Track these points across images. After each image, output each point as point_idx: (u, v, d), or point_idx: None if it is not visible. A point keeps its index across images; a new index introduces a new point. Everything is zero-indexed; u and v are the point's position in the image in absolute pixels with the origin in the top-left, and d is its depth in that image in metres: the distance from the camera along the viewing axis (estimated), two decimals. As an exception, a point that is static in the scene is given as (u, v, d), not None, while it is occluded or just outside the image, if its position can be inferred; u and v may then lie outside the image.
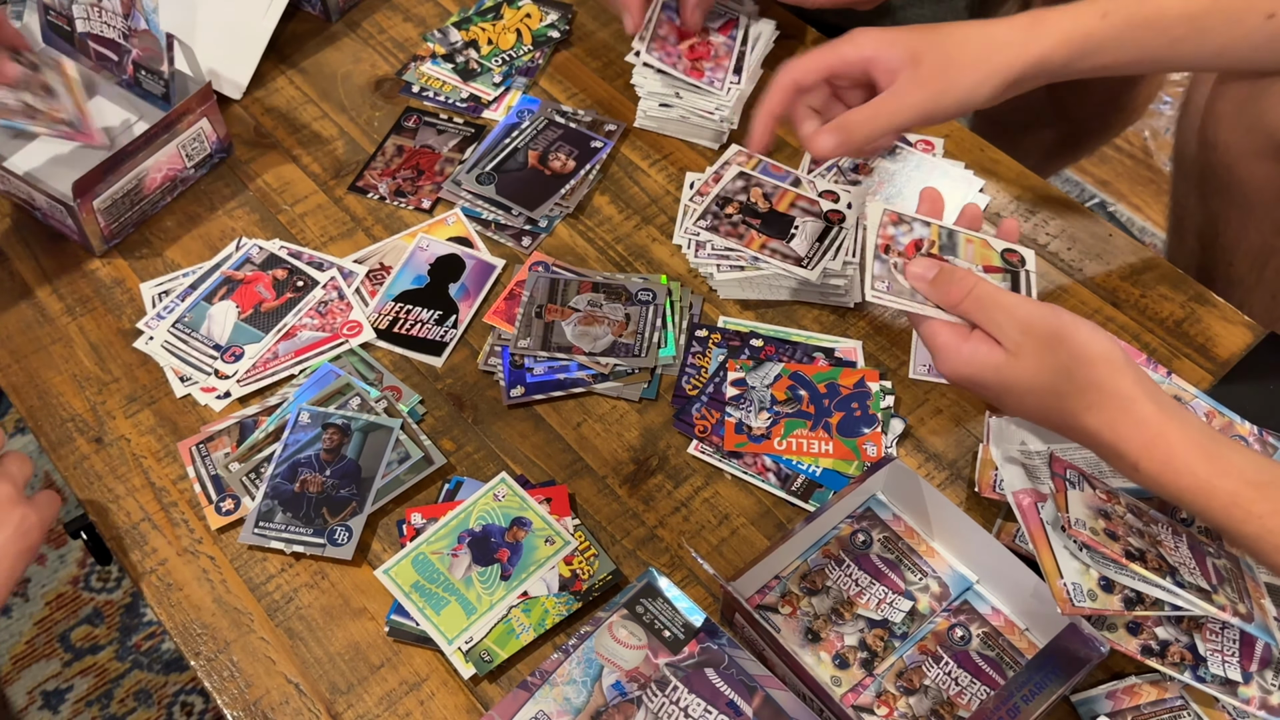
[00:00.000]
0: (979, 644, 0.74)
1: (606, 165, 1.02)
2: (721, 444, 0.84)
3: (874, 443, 0.83)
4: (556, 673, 0.70)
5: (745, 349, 0.89)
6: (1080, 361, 0.66)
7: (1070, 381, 0.66)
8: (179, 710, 1.44)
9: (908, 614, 0.75)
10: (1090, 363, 0.66)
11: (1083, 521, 0.69)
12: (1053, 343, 0.67)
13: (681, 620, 0.72)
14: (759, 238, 0.90)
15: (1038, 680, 0.67)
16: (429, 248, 0.96)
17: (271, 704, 0.75)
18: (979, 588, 0.76)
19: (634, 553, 0.80)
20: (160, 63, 0.96)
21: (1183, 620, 0.72)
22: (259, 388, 0.88)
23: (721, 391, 0.86)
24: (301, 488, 0.82)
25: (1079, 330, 0.66)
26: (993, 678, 0.73)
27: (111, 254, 0.98)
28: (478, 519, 0.80)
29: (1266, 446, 0.80)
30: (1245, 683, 0.70)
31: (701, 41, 1.02)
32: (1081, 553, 0.70)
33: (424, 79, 1.09)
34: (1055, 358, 0.66)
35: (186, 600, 0.79)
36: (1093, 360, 0.66)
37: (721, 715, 0.68)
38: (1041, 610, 0.73)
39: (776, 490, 0.82)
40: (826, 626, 0.75)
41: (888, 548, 0.78)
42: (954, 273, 0.72)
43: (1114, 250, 0.95)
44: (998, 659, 0.73)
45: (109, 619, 1.51)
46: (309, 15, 1.15)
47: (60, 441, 0.87)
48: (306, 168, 1.03)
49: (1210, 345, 0.90)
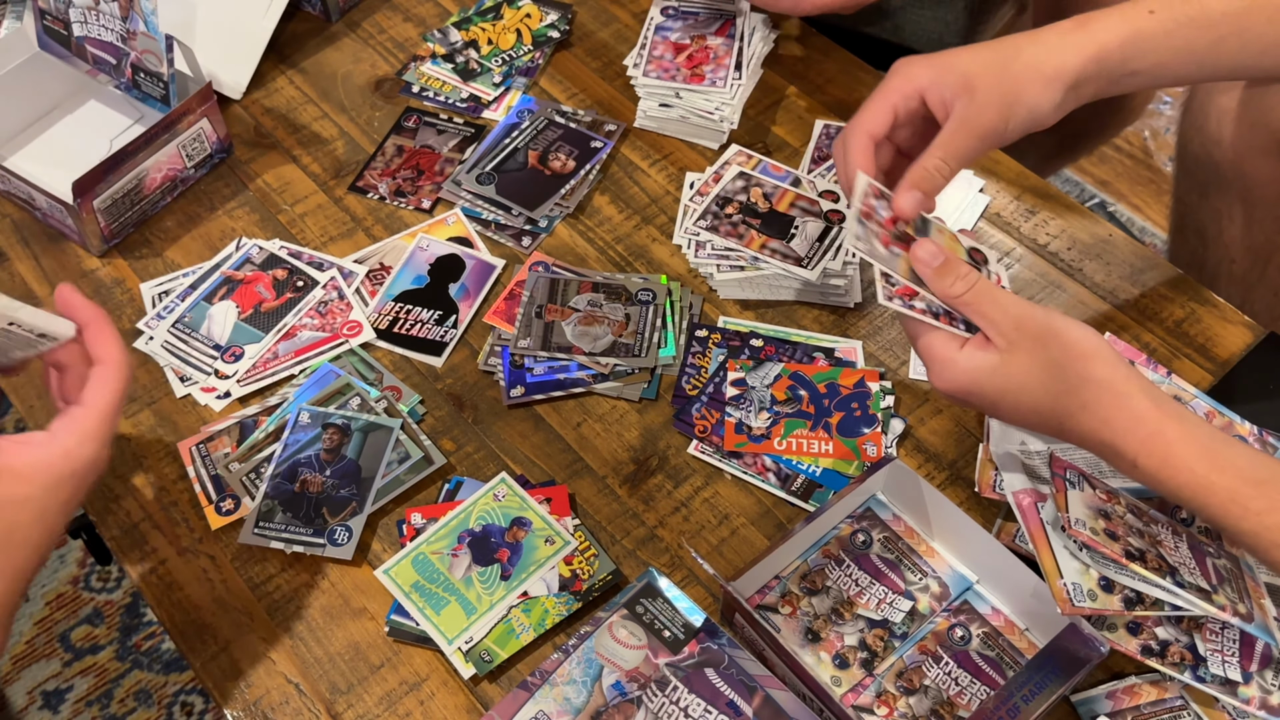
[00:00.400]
0: (979, 644, 0.74)
1: (606, 165, 1.02)
2: (721, 444, 0.84)
3: (874, 443, 0.83)
4: (556, 673, 0.70)
5: (745, 349, 0.89)
6: (1073, 357, 0.66)
7: (1064, 379, 0.66)
8: (179, 710, 1.44)
9: (908, 614, 0.75)
10: (1084, 358, 0.65)
11: (1083, 521, 0.69)
12: (1045, 338, 0.66)
13: (681, 620, 0.72)
14: (759, 238, 0.90)
15: (1038, 680, 0.67)
16: (429, 248, 0.96)
17: (271, 704, 0.75)
18: (979, 588, 0.76)
19: (634, 553, 0.81)
20: (159, 65, 0.96)
21: (1183, 620, 0.72)
22: (259, 388, 0.88)
23: (721, 391, 0.86)
24: (301, 488, 0.82)
25: (1071, 328, 0.66)
26: (992, 678, 0.73)
27: (111, 254, 0.98)
28: (478, 519, 0.80)
29: (1266, 446, 0.80)
30: (1245, 683, 0.70)
31: (699, 48, 1.03)
32: (1082, 553, 0.70)
33: (424, 79, 1.09)
34: (1048, 352, 0.66)
35: (186, 600, 0.79)
36: (1086, 356, 0.65)
37: (721, 715, 0.68)
38: (1041, 610, 0.72)
39: (776, 490, 0.82)
40: (826, 626, 0.75)
41: (888, 548, 0.78)
42: (959, 265, 0.71)
43: (1114, 250, 0.95)
44: (998, 659, 0.73)
45: (109, 619, 1.52)
46: (309, 15, 1.15)
47: (60, 441, 0.87)
48: (306, 168, 1.03)
49: (1210, 345, 0.90)
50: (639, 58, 1.03)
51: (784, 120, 1.04)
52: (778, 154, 1.02)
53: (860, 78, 1.08)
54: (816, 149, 1.01)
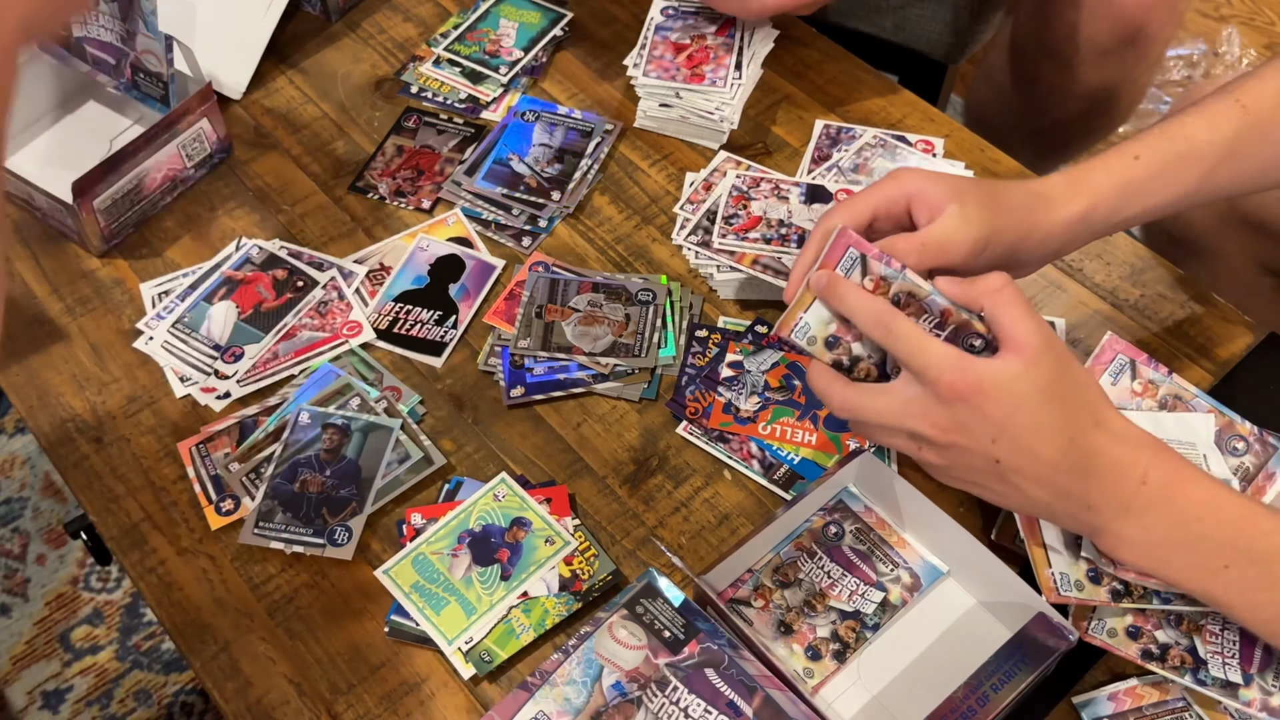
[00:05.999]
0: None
1: (606, 165, 1.02)
2: (707, 423, 0.84)
3: (858, 440, 0.84)
4: (556, 673, 0.70)
5: (749, 334, 0.89)
6: (1075, 367, 0.65)
7: (1084, 397, 0.64)
8: (179, 710, 1.44)
9: (879, 605, 0.76)
10: (1081, 372, 0.65)
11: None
12: (1069, 358, 0.65)
13: (681, 620, 0.72)
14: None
15: (1006, 669, 0.68)
16: (429, 248, 0.96)
17: (271, 704, 0.75)
18: (951, 578, 0.77)
19: (634, 553, 0.81)
20: (159, 65, 0.96)
21: (1182, 622, 0.72)
22: (259, 388, 0.88)
23: (716, 371, 0.87)
24: (301, 488, 0.82)
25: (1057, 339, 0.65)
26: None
27: (111, 254, 0.98)
28: (478, 519, 0.80)
29: (1267, 446, 0.80)
30: (1246, 685, 0.70)
31: (699, 48, 1.02)
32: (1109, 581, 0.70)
33: (422, 79, 1.09)
34: (1071, 370, 0.64)
35: (186, 600, 0.79)
36: (1080, 371, 0.65)
37: (721, 715, 0.68)
38: (1012, 600, 0.73)
39: (759, 477, 0.83)
40: (799, 619, 0.76)
41: (859, 539, 0.79)
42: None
43: (1114, 250, 0.95)
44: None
45: (109, 619, 1.52)
46: (309, 15, 1.15)
47: (60, 441, 0.87)
48: (306, 168, 1.03)
49: (1210, 345, 0.90)
50: (639, 58, 1.02)
51: (784, 120, 1.04)
52: (778, 154, 1.02)
53: (860, 78, 1.07)
54: (816, 149, 1.01)
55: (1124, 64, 1.33)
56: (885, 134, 1.01)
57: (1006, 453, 0.63)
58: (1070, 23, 1.30)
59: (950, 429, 0.64)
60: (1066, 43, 1.32)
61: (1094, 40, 1.30)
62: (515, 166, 1.00)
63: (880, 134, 1.01)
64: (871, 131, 1.01)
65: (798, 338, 0.70)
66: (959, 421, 0.63)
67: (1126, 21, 1.27)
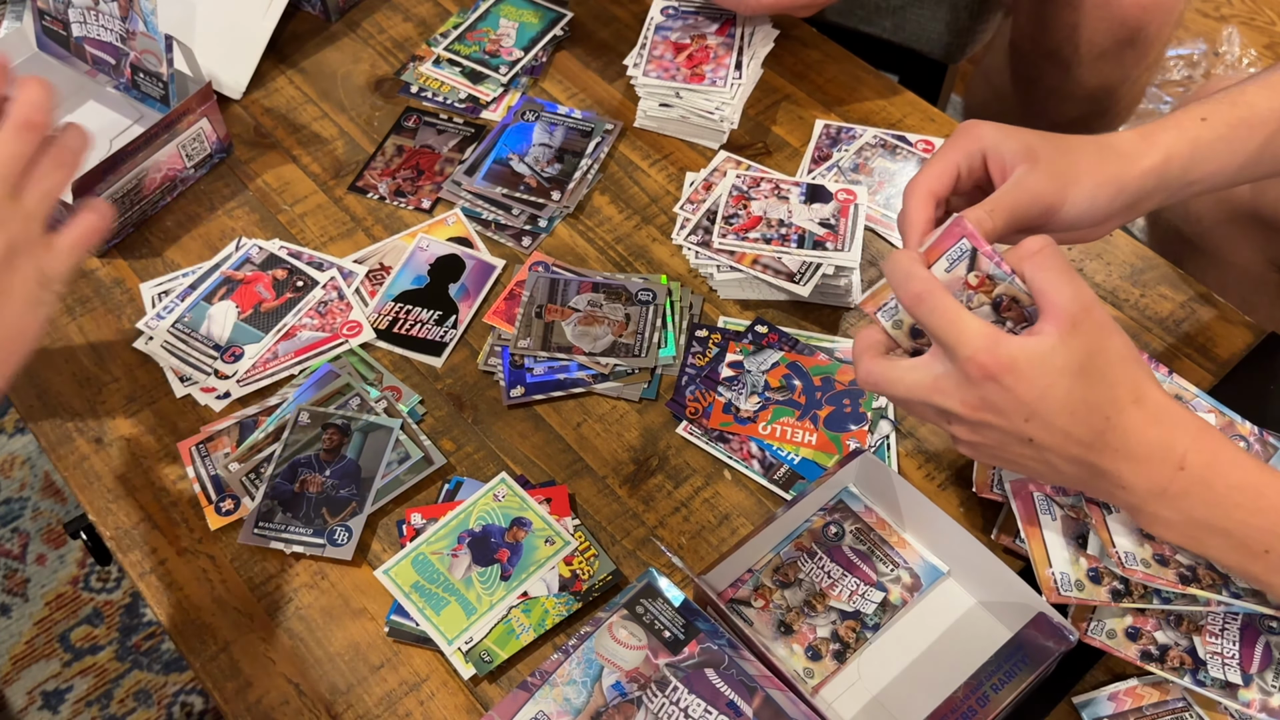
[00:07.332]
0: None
1: (606, 165, 1.02)
2: (707, 423, 0.84)
3: (858, 440, 0.84)
4: (556, 673, 0.70)
5: (750, 334, 0.89)
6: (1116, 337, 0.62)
7: (1127, 372, 0.62)
8: (179, 710, 1.44)
9: (879, 605, 0.76)
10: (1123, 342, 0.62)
11: (1133, 555, 0.69)
12: (1092, 308, 0.61)
13: (681, 620, 0.72)
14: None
15: (1006, 669, 0.68)
16: (429, 248, 0.96)
17: (271, 704, 0.75)
18: (951, 578, 0.77)
19: (634, 553, 0.80)
20: (159, 65, 0.96)
21: (1182, 623, 0.72)
22: (259, 388, 0.88)
23: (717, 371, 0.86)
24: (301, 488, 0.82)
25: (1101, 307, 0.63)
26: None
27: (111, 254, 0.98)
28: (478, 519, 0.80)
29: (1267, 446, 0.80)
30: (1245, 685, 0.70)
31: (699, 48, 1.02)
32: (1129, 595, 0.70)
33: (422, 79, 1.09)
34: (1113, 343, 0.62)
35: (186, 600, 0.79)
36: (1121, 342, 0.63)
37: (721, 715, 0.68)
38: (1012, 600, 0.73)
39: (759, 477, 0.83)
40: (799, 619, 0.76)
41: (859, 539, 0.79)
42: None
43: (1114, 250, 0.95)
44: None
45: (109, 619, 1.52)
46: (309, 15, 1.15)
47: (60, 441, 0.87)
48: (306, 168, 1.03)
49: (1210, 345, 0.90)
50: (639, 58, 1.03)
51: (784, 120, 1.04)
52: (778, 154, 1.02)
53: (860, 78, 1.07)
54: (816, 149, 1.01)
55: (1123, 65, 1.33)
56: (885, 134, 1.01)
57: (1040, 432, 0.62)
58: (1069, 24, 1.30)
59: (980, 408, 0.62)
60: (1065, 44, 1.32)
61: (1093, 41, 1.30)
62: (515, 166, 1.00)
63: (880, 134, 1.01)
64: (872, 131, 1.01)
65: (884, 317, 0.68)
66: (989, 401, 0.62)
67: (1125, 22, 1.27)
